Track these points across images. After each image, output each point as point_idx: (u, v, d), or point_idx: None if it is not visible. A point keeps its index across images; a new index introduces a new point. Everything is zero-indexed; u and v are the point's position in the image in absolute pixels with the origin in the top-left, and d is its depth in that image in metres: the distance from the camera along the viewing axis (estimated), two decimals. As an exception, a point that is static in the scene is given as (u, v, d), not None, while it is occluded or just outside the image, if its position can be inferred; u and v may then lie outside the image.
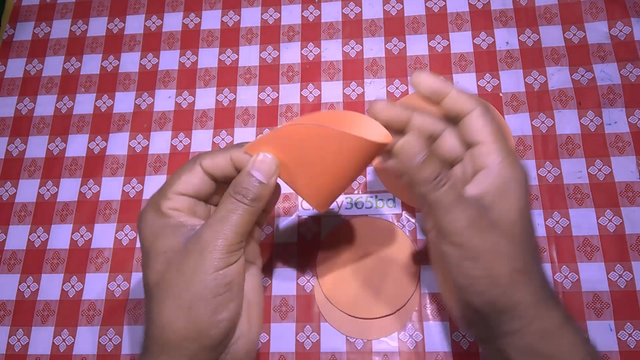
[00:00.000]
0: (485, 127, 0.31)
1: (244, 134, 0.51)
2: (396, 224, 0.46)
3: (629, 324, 0.41)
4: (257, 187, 0.32)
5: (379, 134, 0.33)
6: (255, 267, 0.35)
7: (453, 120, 0.33)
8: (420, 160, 0.30)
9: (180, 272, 0.30)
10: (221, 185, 0.35)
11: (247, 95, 0.53)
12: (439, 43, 0.52)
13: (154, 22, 0.57)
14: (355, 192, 0.48)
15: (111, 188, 0.50)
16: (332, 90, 0.52)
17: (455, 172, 0.34)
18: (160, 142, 0.52)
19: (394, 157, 0.31)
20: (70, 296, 0.47)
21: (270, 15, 0.56)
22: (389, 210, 0.47)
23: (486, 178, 0.31)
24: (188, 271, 0.30)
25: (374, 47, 0.53)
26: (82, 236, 0.49)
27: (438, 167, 0.30)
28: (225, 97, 0.53)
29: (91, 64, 0.56)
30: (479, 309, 0.30)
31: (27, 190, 0.51)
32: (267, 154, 0.32)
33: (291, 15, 0.55)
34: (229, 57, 0.54)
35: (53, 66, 0.56)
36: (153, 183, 0.50)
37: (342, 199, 0.48)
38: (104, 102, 0.54)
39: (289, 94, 0.52)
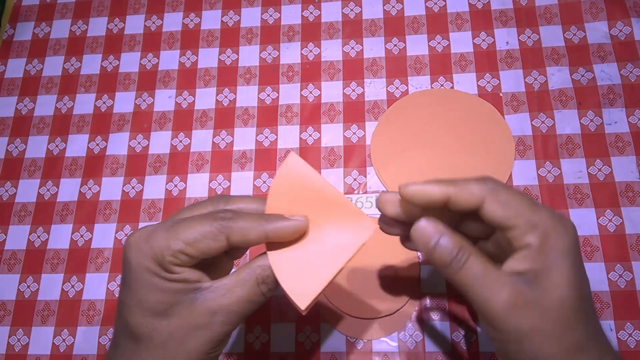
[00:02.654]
0: (505, 212, 0.27)
1: (244, 134, 0.51)
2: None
3: (629, 324, 0.41)
4: None
5: (362, 228, 0.30)
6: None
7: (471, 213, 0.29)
8: (435, 243, 0.28)
9: (180, 341, 0.29)
10: None
11: (247, 95, 0.52)
12: (439, 43, 0.52)
13: (154, 22, 0.57)
14: (356, 192, 0.48)
15: (111, 188, 0.50)
16: (332, 90, 0.52)
17: (486, 248, 0.32)
18: (160, 142, 0.52)
19: (413, 243, 0.29)
20: (70, 296, 0.47)
21: (270, 15, 0.56)
22: (389, 210, 0.47)
23: (525, 257, 0.27)
24: (191, 343, 0.29)
25: (374, 47, 0.53)
26: (82, 236, 0.49)
27: (456, 245, 0.28)
28: (225, 97, 0.53)
29: (91, 64, 0.56)
30: None
31: (27, 190, 0.51)
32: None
33: (291, 15, 0.55)
34: (229, 57, 0.54)
35: (53, 66, 0.56)
36: (153, 183, 0.50)
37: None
38: (104, 102, 0.54)
39: (289, 94, 0.52)
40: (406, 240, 0.33)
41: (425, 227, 0.28)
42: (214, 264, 0.32)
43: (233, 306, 0.29)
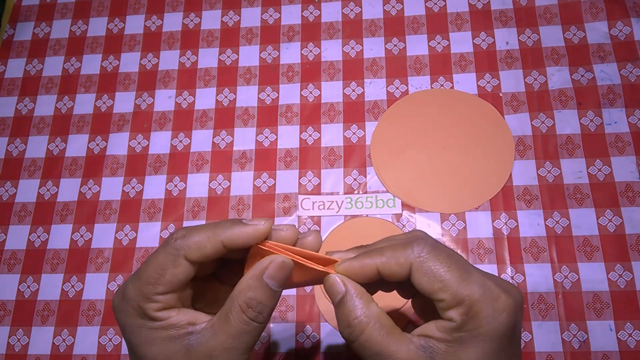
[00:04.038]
0: (430, 285, 0.26)
1: (244, 134, 0.51)
2: (396, 224, 0.46)
3: (629, 324, 0.41)
4: (274, 300, 0.27)
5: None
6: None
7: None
8: (338, 300, 0.27)
9: None
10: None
11: (247, 95, 0.52)
12: (439, 43, 0.52)
13: (154, 22, 0.57)
14: (356, 192, 0.48)
15: (111, 188, 0.50)
16: (332, 90, 0.52)
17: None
18: (160, 142, 0.52)
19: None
20: (70, 296, 0.47)
21: (270, 15, 0.56)
22: (389, 210, 0.47)
23: (444, 328, 0.26)
24: None
25: (374, 47, 0.53)
26: (82, 236, 0.49)
27: (356, 310, 0.26)
28: (225, 97, 0.53)
29: (91, 64, 0.56)
30: None
31: (27, 190, 0.51)
32: (286, 258, 0.27)
33: (291, 15, 0.55)
34: (229, 57, 0.54)
35: (53, 66, 0.56)
36: (153, 183, 0.50)
37: (342, 199, 0.48)
38: (104, 102, 0.54)
39: (289, 94, 0.52)
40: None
41: (334, 284, 0.27)
42: (209, 296, 0.31)
43: (226, 344, 0.26)
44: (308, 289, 0.45)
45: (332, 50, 0.53)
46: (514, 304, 0.26)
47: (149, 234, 0.48)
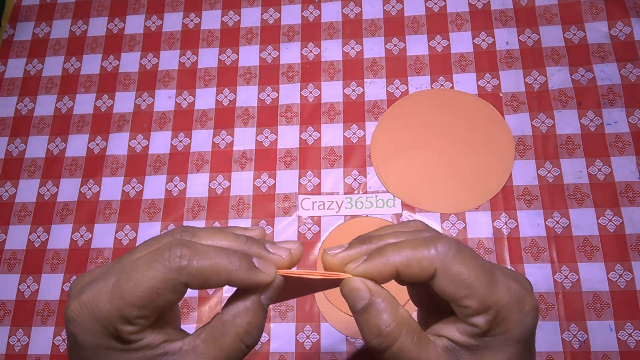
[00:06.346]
0: (457, 290, 0.23)
1: (244, 134, 0.51)
2: (396, 224, 0.46)
3: (629, 324, 0.41)
4: (264, 322, 0.25)
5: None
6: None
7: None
8: (363, 307, 0.24)
9: None
10: None
11: (247, 95, 0.52)
12: (439, 43, 0.52)
13: (154, 22, 0.57)
14: (356, 192, 0.48)
15: (111, 188, 0.50)
16: (332, 90, 0.52)
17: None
18: (160, 142, 0.52)
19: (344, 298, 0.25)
20: (70, 296, 0.47)
21: (270, 15, 0.56)
22: (388, 210, 0.47)
23: (467, 331, 0.24)
24: None
25: (374, 47, 0.53)
26: (82, 236, 0.49)
27: (387, 317, 0.24)
28: (225, 97, 0.53)
29: (91, 64, 0.56)
30: None
31: (27, 190, 0.51)
32: (281, 278, 0.24)
33: (291, 15, 0.55)
34: (229, 57, 0.54)
35: (53, 66, 0.56)
36: (153, 183, 0.50)
37: (342, 199, 0.48)
38: (104, 102, 0.54)
39: (289, 94, 0.52)
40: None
41: (357, 289, 0.24)
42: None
43: None
44: (308, 289, 0.45)
45: (332, 50, 0.53)
46: (536, 303, 0.25)
47: (149, 234, 0.48)
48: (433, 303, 0.26)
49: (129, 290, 0.22)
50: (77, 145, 0.53)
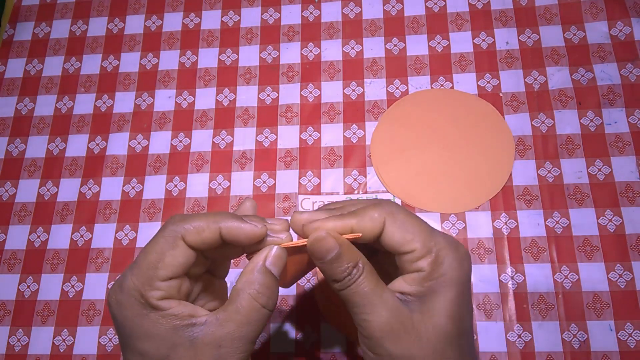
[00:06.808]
0: (403, 235, 0.28)
1: (244, 134, 0.51)
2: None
3: (629, 324, 0.41)
4: (277, 288, 0.28)
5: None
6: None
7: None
8: (332, 257, 0.27)
9: None
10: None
11: (247, 95, 0.53)
12: (439, 43, 0.52)
13: (154, 22, 0.57)
14: (356, 192, 0.48)
15: (111, 188, 0.50)
16: (332, 90, 0.52)
17: (380, 261, 0.32)
18: (160, 142, 0.52)
19: (312, 256, 0.28)
20: (70, 296, 0.47)
21: (270, 15, 0.56)
22: (389, 210, 0.47)
23: (414, 279, 0.28)
24: None
25: (374, 47, 0.53)
26: (82, 236, 0.49)
27: (351, 261, 0.27)
28: (225, 97, 0.53)
29: (91, 64, 0.56)
30: None
31: (27, 190, 0.51)
32: (280, 247, 0.28)
33: (291, 15, 0.55)
34: (229, 57, 0.54)
35: (53, 66, 0.56)
36: (153, 183, 0.50)
37: (342, 199, 0.48)
38: (104, 102, 0.54)
39: (289, 94, 0.52)
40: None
41: (325, 240, 0.28)
42: (206, 290, 0.31)
43: (235, 333, 0.27)
44: (308, 287, 0.45)
45: (332, 50, 0.53)
46: (469, 253, 0.30)
47: (149, 234, 0.48)
48: (384, 277, 0.29)
49: (143, 260, 0.27)
50: (77, 145, 0.53)
